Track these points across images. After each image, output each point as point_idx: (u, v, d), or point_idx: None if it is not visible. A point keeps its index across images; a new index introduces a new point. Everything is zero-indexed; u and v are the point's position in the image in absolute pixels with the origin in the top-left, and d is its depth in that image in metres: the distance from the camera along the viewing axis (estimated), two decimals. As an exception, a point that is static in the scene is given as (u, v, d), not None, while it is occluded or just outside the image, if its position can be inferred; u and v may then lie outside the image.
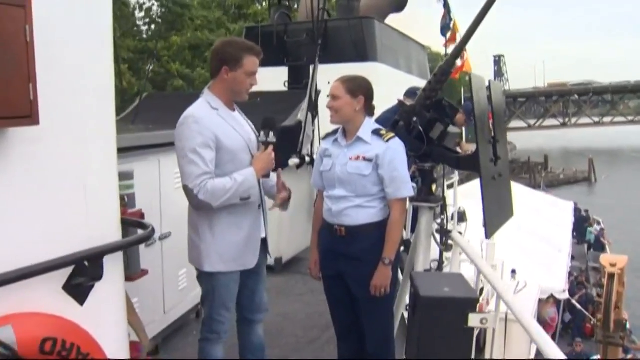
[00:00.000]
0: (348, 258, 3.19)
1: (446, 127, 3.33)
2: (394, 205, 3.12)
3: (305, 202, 6.57)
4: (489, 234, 2.94)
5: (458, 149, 4.93)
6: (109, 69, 2.21)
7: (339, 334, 3.47)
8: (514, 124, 68.49)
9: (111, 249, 2.08)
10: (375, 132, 3.16)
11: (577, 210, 22.27)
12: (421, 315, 2.15)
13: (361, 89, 3.16)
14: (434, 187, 3.39)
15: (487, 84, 3.18)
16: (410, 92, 5.56)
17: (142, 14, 30.16)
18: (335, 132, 3.33)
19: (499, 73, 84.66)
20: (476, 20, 3.14)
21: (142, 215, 3.54)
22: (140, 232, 2.60)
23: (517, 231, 12.10)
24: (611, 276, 11.25)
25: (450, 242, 3.46)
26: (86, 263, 2.00)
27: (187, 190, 2.84)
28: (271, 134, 3.01)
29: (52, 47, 1.90)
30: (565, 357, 1.88)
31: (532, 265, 12.72)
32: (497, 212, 3.14)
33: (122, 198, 3.28)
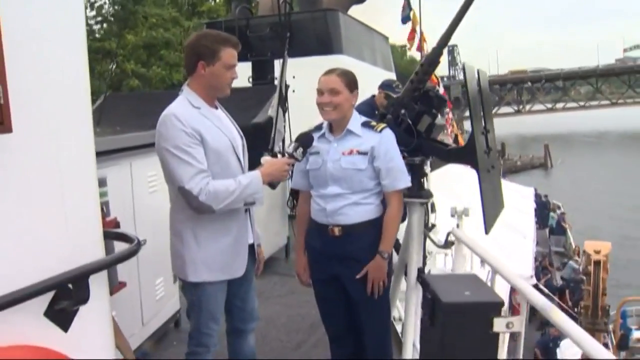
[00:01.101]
0: (344, 259, 3.03)
1: (433, 119, 3.21)
2: (392, 198, 2.99)
3: (279, 201, 6.40)
4: (488, 229, 2.83)
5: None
6: (83, 69, 1.99)
7: (332, 337, 3.31)
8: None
9: (96, 268, 1.88)
10: (365, 124, 3.01)
11: (537, 196, 22.67)
12: (444, 322, 2.02)
13: (355, 83, 3.02)
14: (424, 181, 3.26)
15: (476, 73, 3.07)
16: (385, 85, 5.44)
17: (94, 12, 29.29)
18: (318, 127, 3.16)
19: (452, 63, 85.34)
20: (463, 8, 3.03)
21: (117, 224, 3.32)
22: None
23: (481, 219, 12.09)
24: (597, 263, 11.39)
25: (451, 238, 3.32)
26: (70, 285, 1.80)
27: (185, 192, 2.61)
28: (300, 150, 2.86)
29: (22, 45, 1.68)
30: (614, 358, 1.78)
31: (499, 252, 12.81)
32: (492, 206, 3.04)
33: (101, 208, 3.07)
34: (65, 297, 1.80)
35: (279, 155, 2.96)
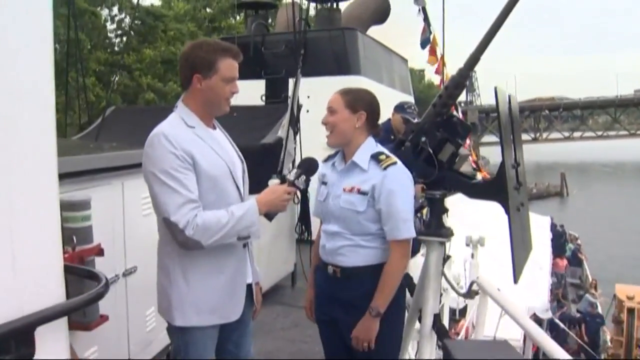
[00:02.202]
0: (342, 303, 2.71)
1: (457, 148, 2.86)
2: (392, 248, 2.63)
3: (285, 226, 6.05)
4: (517, 277, 2.48)
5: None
6: (48, 75, 1.67)
7: None
8: (486, 138, 68.99)
9: (46, 318, 1.54)
10: (374, 157, 2.67)
11: (553, 226, 22.09)
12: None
13: (363, 103, 2.70)
14: (444, 218, 2.90)
15: (507, 98, 2.73)
16: (399, 107, 5.12)
17: (114, 25, 29.47)
18: (337, 153, 2.85)
19: (470, 88, 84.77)
20: (493, 28, 2.71)
21: (100, 251, 3.01)
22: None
23: (497, 248, 11.62)
24: (630, 310, 10.53)
25: (474, 287, 2.95)
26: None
27: (170, 225, 2.29)
28: (303, 177, 2.53)
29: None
30: None
31: (514, 284, 12.28)
32: (522, 249, 2.68)
33: (70, 234, 2.78)
34: (5, 351, 1.47)
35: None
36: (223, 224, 2.30)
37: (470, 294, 2.95)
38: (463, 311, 10.68)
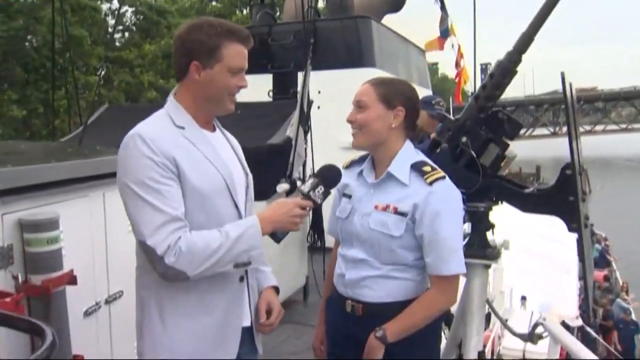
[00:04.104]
0: (362, 345, 2.12)
1: (503, 149, 2.32)
2: (434, 284, 2.10)
3: (297, 235, 5.50)
4: (590, 305, 1.94)
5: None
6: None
7: None
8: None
9: None
10: (416, 168, 2.11)
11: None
12: None
13: (401, 97, 2.13)
14: (489, 235, 2.36)
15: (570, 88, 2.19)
16: (426, 103, 4.56)
17: (113, 21, 28.78)
18: (363, 159, 2.29)
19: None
20: (547, 5, 2.19)
21: (72, 279, 2.52)
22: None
23: (521, 253, 11.02)
24: None
25: (540, 330, 2.38)
26: None
27: (147, 250, 1.81)
28: (320, 189, 1.98)
29: None
30: None
31: (540, 290, 11.70)
32: (590, 272, 2.15)
33: (33, 261, 2.34)
34: None
35: (299, 183, 2.10)
36: (214, 248, 1.80)
37: (533, 338, 2.38)
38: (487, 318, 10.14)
